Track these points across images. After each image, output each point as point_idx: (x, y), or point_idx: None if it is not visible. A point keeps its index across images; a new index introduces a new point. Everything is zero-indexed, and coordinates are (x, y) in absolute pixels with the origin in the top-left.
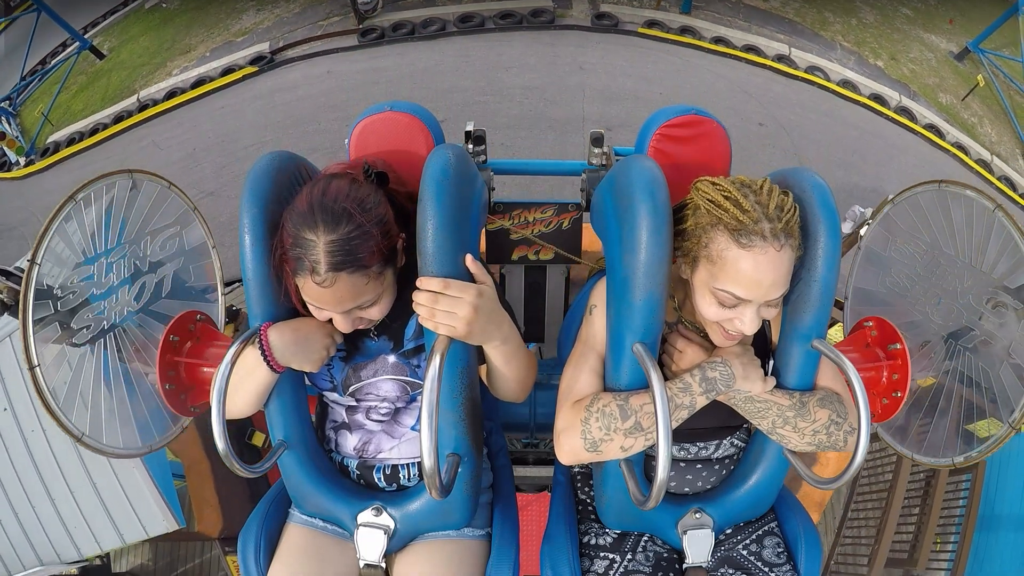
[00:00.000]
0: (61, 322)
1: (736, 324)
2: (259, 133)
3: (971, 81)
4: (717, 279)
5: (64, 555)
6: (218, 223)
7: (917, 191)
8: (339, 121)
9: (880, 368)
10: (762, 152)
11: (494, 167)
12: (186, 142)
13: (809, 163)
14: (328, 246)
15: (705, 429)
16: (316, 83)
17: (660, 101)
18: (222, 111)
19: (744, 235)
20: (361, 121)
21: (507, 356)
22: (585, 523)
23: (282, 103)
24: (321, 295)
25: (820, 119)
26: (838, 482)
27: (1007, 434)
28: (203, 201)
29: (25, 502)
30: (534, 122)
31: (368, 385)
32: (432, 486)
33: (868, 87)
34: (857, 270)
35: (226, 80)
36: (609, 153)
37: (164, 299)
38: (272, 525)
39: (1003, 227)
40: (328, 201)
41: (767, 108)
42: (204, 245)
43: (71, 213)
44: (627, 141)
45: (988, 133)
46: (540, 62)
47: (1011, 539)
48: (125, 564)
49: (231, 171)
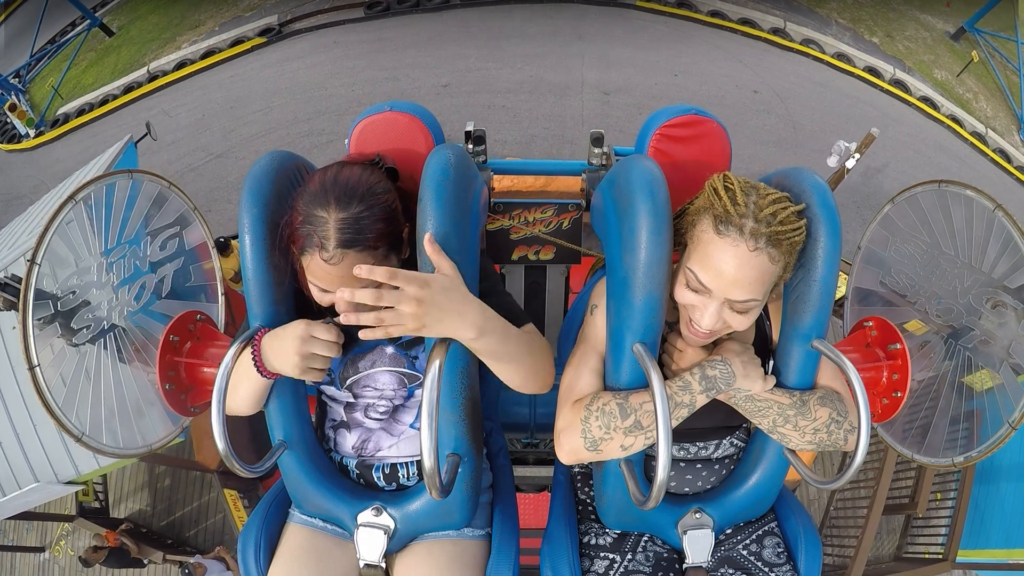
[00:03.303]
0: (61, 322)
1: (696, 315)
2: (268, 99)
3: (966, 59)
4: (689, 258)
5: (61, 474)
6: (226, 183)
7: (917, 191)
8: (346, 87)
9: (880, 368)
10: (756, 118)
11: (494, 167)
12: (195, 109)
13: (803, 128)
14: (339, 223)
15: (705, 429)
16: (324, 52)
17: (658, 68)
18: (231, 79)
19: (724, 223)
20: (361, 121)
21: (492, 351)
22: (585, 523)
23: (290, 71)
24: (327, 273)
25: (815, 88)
26: (838, 482)
27: (1007, 434)
28: (211, 163)
29: (27, 421)
30: (534, 86)
31: (365, 378)
32: (432, 486)
33: (863, 60)
34: (857, 270)
35: (235, 51)
36: (609, 153)
37: (164, 299)
38: (272, 525)
39: (1003, 227)
40: (341, 181)
41: (762, 77)
42: (204, 245)
43: (71, 213)
44: (627, 105)
45: (983, 108)
46: (540, 32)
47: (1011, 489)
48: (124, 510)
49: (240, 134)
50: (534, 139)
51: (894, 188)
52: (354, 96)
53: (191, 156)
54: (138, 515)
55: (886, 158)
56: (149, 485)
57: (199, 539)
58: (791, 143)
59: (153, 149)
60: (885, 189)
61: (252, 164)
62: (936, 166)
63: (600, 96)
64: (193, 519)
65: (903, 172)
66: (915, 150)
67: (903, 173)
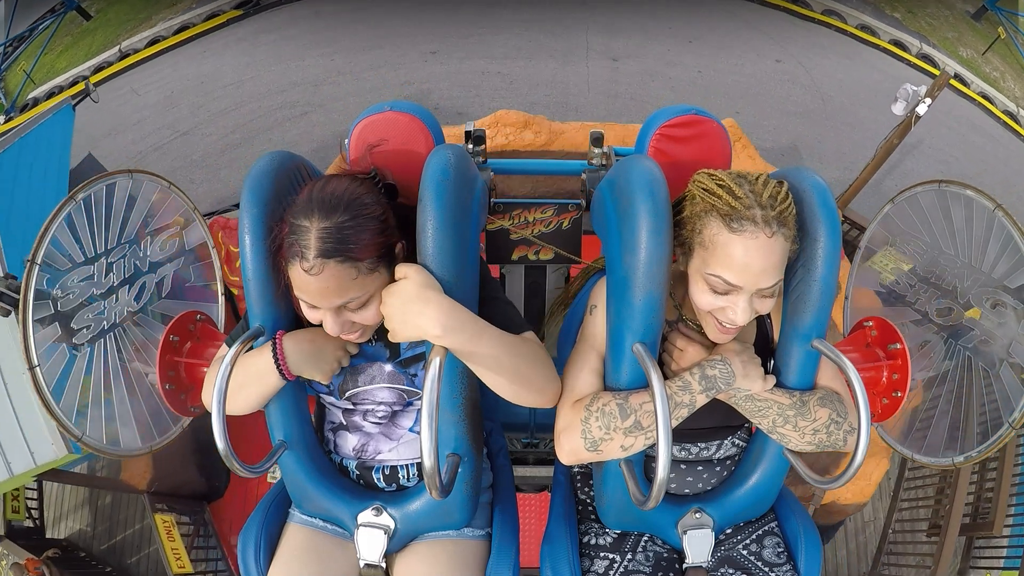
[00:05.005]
0: (61, 322)
1: (728, 314)
2: (240, 72)
3: (988, 39)
4: (708, 264)
5: None
6: (190, 161)
7: (917, 191)
8: (325, 57)
9: (880, 368)
10: (780, 88)
11: (494, 167)
12: (164, 86)
13: (832, 100)
14: (320, 232)
15: (705, 429)
16: (303, 23)
17: (670, 34)
18: (203, 54)
19: (735, 220)
20: (361, 121)
21: (466, 351)
22: (585, 523)
23: (267, 43)
24: (307, 283)
25: (840, 60)
26: (838, 482)
27: (1007, 434)
28: (176, 141)
29: None
30: (533, 52)
31: (365, 392)
32: (432, 486)
33: (888, 33)
34: (857, 270)
35: (209, 24)
36: (609, 153)
37: (164, 299)
38: (272, 525)
39: (1003, 227)
40: (327, 192)
41: (783, 46)
42: (204, 245)
43: (71, 213)
44: (637, 71)
45: (1011, 88)
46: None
47: None
48: (64, 530)
49: (208, 110)
50: (534, 107)
51: (932, 168)
52: (333, 66)
53: (156, 135)
54: (78, 536)
55: (920, 135)
56: (90, 502)
57: (141, 567)
58: (820, 114)
59: (117, 130)
60: (921, 170)
61: (252, 164)
62: (971, 144)
63: (608, 62)
64: (135, 544)
65: (940, 151)
66: (948, 127)
67: (940, 151)
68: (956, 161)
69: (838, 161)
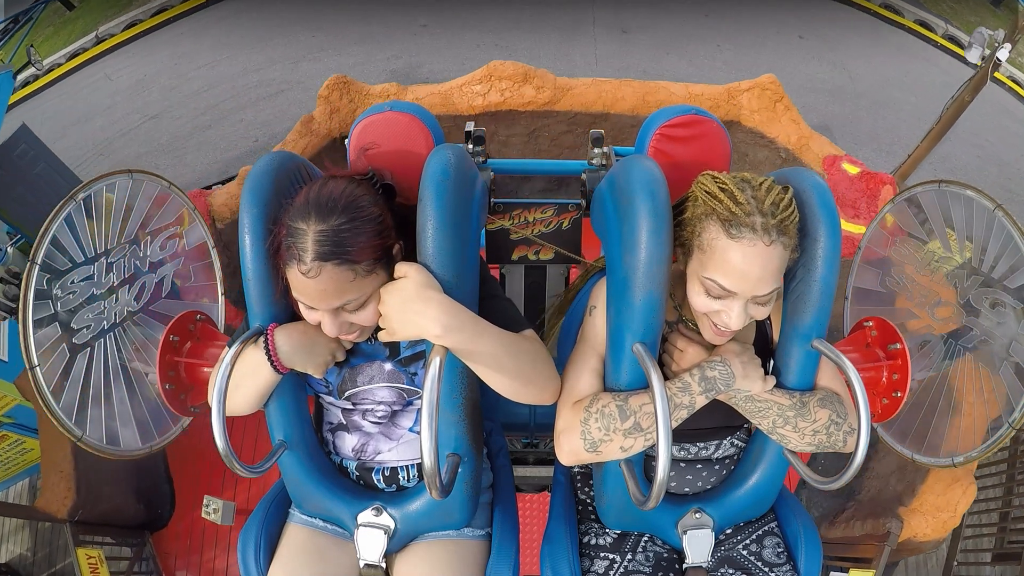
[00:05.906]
0: (61, 322)
1: (723, 317)
2: (216, 52)
3: (1009, 24)
4: (706, 268)
5: None
6: (157, 145)
7: (917, 191)
8: (307, 32)
9: (880, 368)
10: (805, 65)
11: (494, 167)
12: (137, 71)
13: (861, 79)
14: (317, 235)
15: (705, 429)
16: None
17: (684, 6)
18: (181, 36)
19: (735, 226)
20: (361, 121)
21: (466, 350)
22: (585, 523)
23: (248, 21)
24: (304, 286)
25: (862, 38)
26: (839, 482)
27: (1007, 434)
28: (145, 125)
29: None
30: (534, 23)
31: (364, 391)
32: (432, 486)
33: (912, 12)
34: (857, 270)
35: (188, 5)
36: (609, 153)
37: (164, 299)
38: (272, 525)
39: (1003, 227)
40: (324, 194)
41: (806, 23)
42: (204, 245)
43: (71, 213)
44: (650, 45)
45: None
46: None
47: None
48: (5, 554)
49: (180, 91)
50: None
51: (968, 152)
52: (316, 43)
53: (125, 120)
54: (19, 562)
55: None
56: (30, 524)
57: None
58: (849, 93)
59: (87, 117)
60: (958, 154)
61: (253, 164)
62: (1004, 129)
63: (617, 34)
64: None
65: (974, 135)
66: (980, 112)
67: (975, 135)
68: (991, 145)
69: (873, 142)
